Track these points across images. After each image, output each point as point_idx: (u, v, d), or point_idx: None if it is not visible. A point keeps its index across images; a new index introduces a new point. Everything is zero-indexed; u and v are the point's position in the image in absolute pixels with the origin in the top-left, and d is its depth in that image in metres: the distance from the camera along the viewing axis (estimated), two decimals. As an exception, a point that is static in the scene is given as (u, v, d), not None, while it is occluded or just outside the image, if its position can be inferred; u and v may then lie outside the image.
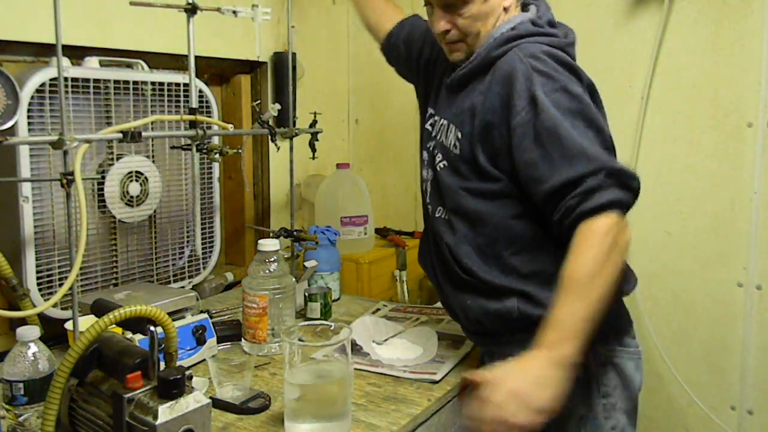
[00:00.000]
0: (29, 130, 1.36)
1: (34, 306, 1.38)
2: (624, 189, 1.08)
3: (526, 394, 0.99)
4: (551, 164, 1.10)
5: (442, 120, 1.32)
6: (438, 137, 1.32)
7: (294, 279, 1.54)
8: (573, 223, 1.08)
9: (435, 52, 1.43)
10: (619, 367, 1.24)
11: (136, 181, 1.61)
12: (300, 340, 1.12)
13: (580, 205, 1.07)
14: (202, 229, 1.77)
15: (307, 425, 1.07)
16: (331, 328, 1.14)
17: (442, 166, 1.29)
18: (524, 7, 1.31)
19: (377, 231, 2.31)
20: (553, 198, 1.11)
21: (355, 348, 1.46)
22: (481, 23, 1.23)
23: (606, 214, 1.06)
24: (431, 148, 1.34)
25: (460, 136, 1.24)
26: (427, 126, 1.39)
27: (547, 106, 1.11)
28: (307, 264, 1.76)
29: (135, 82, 1.57)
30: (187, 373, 0.89)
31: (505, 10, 1.26)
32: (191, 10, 1.41)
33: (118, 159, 1.57)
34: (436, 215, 1.33)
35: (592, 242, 1.05)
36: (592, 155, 1.08)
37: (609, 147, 1.13)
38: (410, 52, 1.51)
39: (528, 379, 1.00)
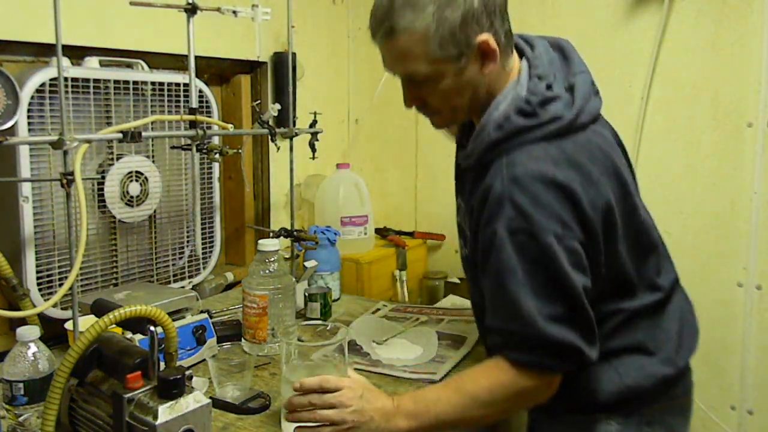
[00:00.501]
0: (29, 130, 1.36)
1: (34, 306, 1.38)
2: (554, 357, 1.01)
3: (358, 421, 1.00)
4: (492, 304, 1.05)
5: (459, 200, 1.23)
6: (458, 218, 1.25)
7: (294, 279, 1.54)
8: (495, 352, 1.06)
9: None
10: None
11: (136, 181, 1.61)
12: (299, 340, 1.12)
13: (504, 350, 1.04)
14: (202, 229, 1.77)
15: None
16: (328, 328, 1.15)
17: (465, 253, 1.21)
18: (520, 52, 1.12)
19: (377, 231, 2.31)
20: (488, 329, 1.07)
21: (355, 348, 1.46)
22: (456, 98, 1.07)
23: (520, 372, 1.02)
24: (458, 224, 1.26)
25: (468, 235, 1.15)
26: (457, 187, 1.28)
27: (506, 248, 1.00)
28: (307, 264, 1.76)
29: (135, 82, 1.57)
30: (187, 373, 0.89)
31: (485, 74, 1.06)
32: (191, 10, 1.41)
33: (118, 159, 1.57)
34: (472, 299, 1.27)
35: (498, 382, 1.03)
36: (528, 320, 0.99)
37: (570, 307, 1.00)
38: None
39: (368, 409, 1.01)
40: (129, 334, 1.11)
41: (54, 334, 1.40)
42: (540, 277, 0.99)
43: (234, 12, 1.47)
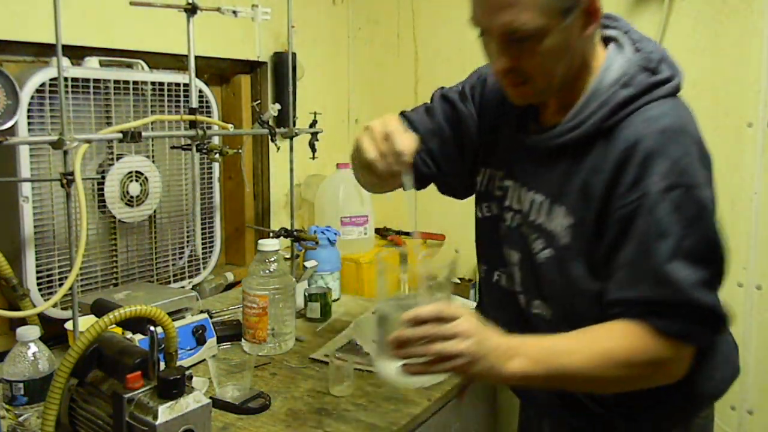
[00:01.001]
0: (29, 130, 1.36)
1: (34, 306, 1.38)
2: (701, 326, 0.93)
3: (475, 355, 0.88)
4: (632, 275, 0.93)
5: (532, 193, 1.06)
6: (529, 215, 1.06)
7: (294, 279, 1.54)
8: (631, 318, 0.93)
9: (477, 96, 1.19)
10: None
11: (136, 181, 1.61)
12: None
13: (648, 318, 0.92)
14: (202, 229, 1.77)
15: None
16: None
17: (546, 255, 1.03)
18: (603, 27, 1.04)
19: (377, 231, 2.31)
20: (621, 304, 0.95)
21: (355, 348, 1.47)
22: (554, 62, 0.96)
23: (664, 341, 0.92)
24: (517, 226, 1.09)
25: (572, 222, 0.99)
26: (491, 188, 1.16)
27: (658, 208, 0.90)
28: (307, 264, 1.76)
29: (135, 82, 1.57)
30: (187, 373, 0.89)
31: (584, 38, 0.97)
32: (191, 10, 1.41)
33: (118, 159, 1.57)
34: (533, 311, 1.08)
35: (637, 346, 0.92)
36: (680, 286, 0.90)
37: (718, 272, 0.94)
38: (461, 126, 1.19)
39: (487, 344, 0.90)
40: (129, 334, 1.11)
41: (54, 334, 1.40)
42: (694, 238, 0.91)
43: (234, 12, 1.47)
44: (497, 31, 0.94)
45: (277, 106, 1.72)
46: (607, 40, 1.04)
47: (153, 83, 1.61)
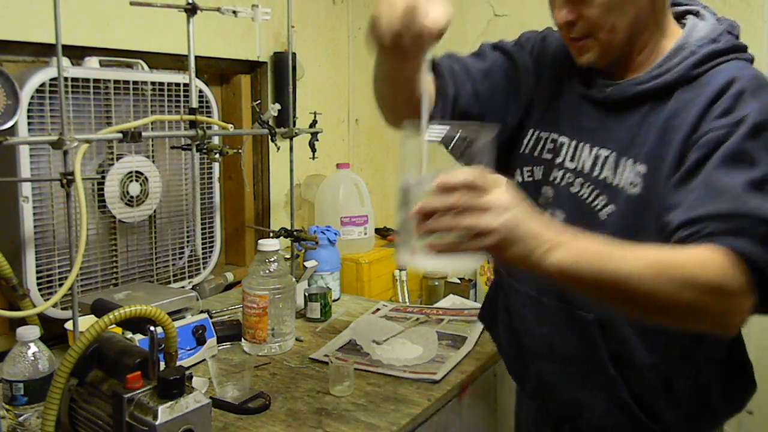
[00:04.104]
0: (29, 130, 1.36)
1: (34, 306, 1.38)
2: None
3: (511, 236, 0.77)
4: (711, 190, 0.85)
5: (596, 150, 1.01)
6: (592, 172, 1.00)
7: (294, 279, 1.54)
8: (705, 240, 0.83)
9: (535, 51, 1.13)
10: None
11: (136, 181, 1.61)
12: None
13: (727, 236, 0.82)
14: (202, 229, 1.77)
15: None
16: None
17: (609, 212, 0.97)
18: (680, 17, 1.03)
19: (377, 231, 2.31)
20: (693, 223, 0.85)
21: (355, 348, 1.47)
22: (617, 15, 0.94)
23: (736, 266, 0.80)
24: (567, 185, 1.03)
25: (644, 171, 0.94)
26: (538, 151, 1.09)
27: (753, 139, 0.85)
28: (307, 264, 1.76)
29: (135, 82, 1.57)
30: (187, 373, 0.89)
31: (652, 9, 0.95)
32: (191, 10, 1.41)
33: (118, 159, 1.57)
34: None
35: (703, 264, 0.80)
36: (764, 213, 0.81)
37: None
38: (512, 74, 1.11)
39: (528, 225, 0.78)
40: (129, 334, 1.11)
41: (54, 334, 1.40)
42: None
43: (234, 12, 1.47)
44: None
45: (277, 106, 1.72)
46: (683, 15, 1.03)
47: (153, 83, 1.61)
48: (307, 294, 1.68)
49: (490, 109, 1.09)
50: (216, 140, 1.76)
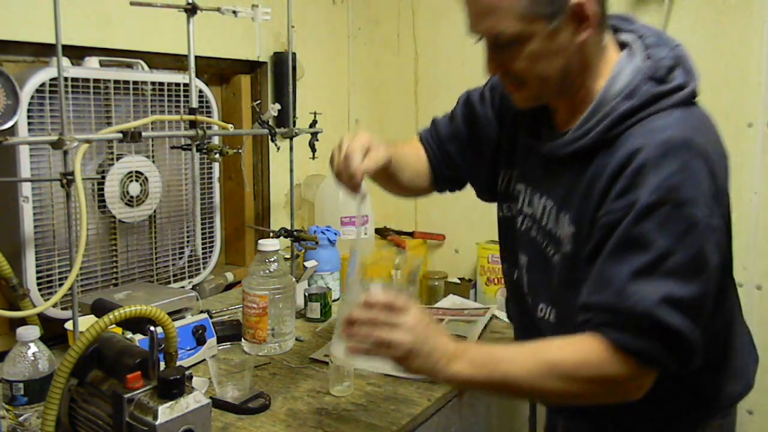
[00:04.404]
0: (29, 130, 1.36)
1: (34, 306, 1.38)
2: (661, 347, 0.88)
3: (417, 351, 0.92)
4: (601, 280, 0.91)
5: (544, 200, 1.05)
6: (541, 220, 1.06)
7: (294, 279, 1.54)
8: (591, 329, 0.92)
9: (497, 98, 1.19)
10: None
11: (136, 181, 1.61)
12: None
13: (605, 329, 0.90)
14: (202, 229, 1.77)
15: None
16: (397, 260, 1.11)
17: (556, 261, 1.02)
18: (616, 30, 1.03)
19: (377, 231, 2.31)
20: (587, 306, 0.93)
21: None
22: (544, 65, 0.95)
23: (617, 356, 0.89)
24: (526, 230, 1.09)
25: (573, 231, 0.98)
26: (510, 189, 1.15)
27: (644, 221, 0.88)
28: (307, 264, 1.76)
29: (135, 82, 1.57)
30: (187, 373, 0.89)
31: (580, 43, 0.95)
32: (191, 10, 1.41)
33: (118, 159, 1.57)
34: (538, 314, 1.08)
35: (586, 359, 0.90)
36: (646, 302, 0.86)
37: (701, 295, 0.88)
38: (478, 128, 1.21)
39: (430, 342, 0.93)
40: (129, 334, 1.11)
41: (54, 334, 1.41)
42: (678, 256, 0.86)
43: (234, 12, 1.47)
44: (485, 36, 0.96)
45: (277, 106, 1.72)
46: (623, 45, 1.02)
47: (153, 83, 1.61)
48: (307, 294, 1.68)
49: (464, 164, 1.25)
50: (216, 140, 1.76)
